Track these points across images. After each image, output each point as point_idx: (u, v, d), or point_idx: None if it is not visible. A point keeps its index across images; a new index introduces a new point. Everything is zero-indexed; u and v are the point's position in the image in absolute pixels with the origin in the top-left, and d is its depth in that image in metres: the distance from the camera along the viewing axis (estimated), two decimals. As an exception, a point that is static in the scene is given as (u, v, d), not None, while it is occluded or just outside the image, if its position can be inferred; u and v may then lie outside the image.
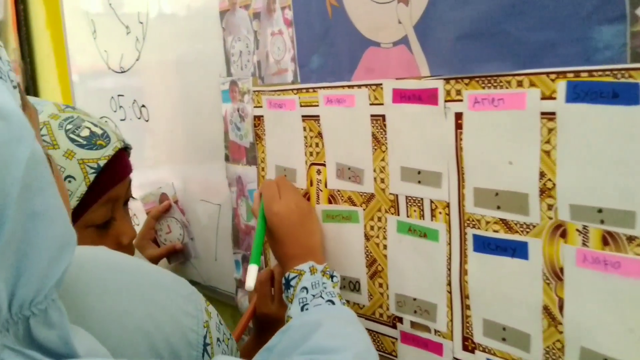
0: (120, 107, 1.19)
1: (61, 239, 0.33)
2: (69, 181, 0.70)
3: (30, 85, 1.58)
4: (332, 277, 0.69)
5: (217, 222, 0.99)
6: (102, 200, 0.74)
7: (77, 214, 0.72)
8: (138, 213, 1.18)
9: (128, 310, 0.45)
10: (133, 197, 0.87)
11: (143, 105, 1.12)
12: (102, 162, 0.73)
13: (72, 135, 0.72)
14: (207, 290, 1.05)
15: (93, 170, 0.72)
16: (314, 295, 0.66)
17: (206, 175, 0.99)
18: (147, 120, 1.12)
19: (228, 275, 0.98)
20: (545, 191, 0.53)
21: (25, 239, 0.30)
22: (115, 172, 0.76)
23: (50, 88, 1.52)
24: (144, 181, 1.17)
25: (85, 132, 0.74)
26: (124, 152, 0.80)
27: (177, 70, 1.00)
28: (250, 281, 0.69)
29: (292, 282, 0.69)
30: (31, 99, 0.74)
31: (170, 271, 0.53)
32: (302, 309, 0.65)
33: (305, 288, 0.67)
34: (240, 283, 0.94)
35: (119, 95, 1.19)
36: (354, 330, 0.59)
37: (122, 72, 1.16)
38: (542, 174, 0.53)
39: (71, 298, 0.36)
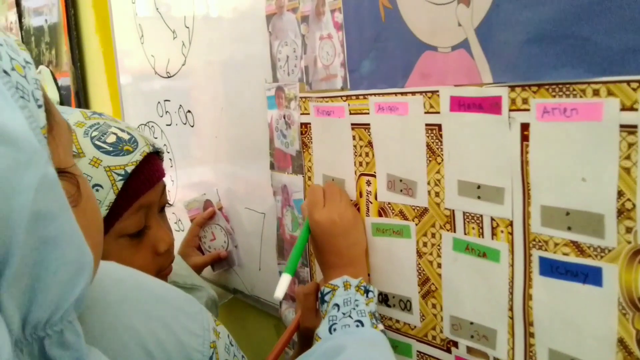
0: (167, 112, 1.18)
1: (76, 263, 0.32)
2: (97, 190, 0.68)
3: (80, 89, 1.60)
4: (367, 292, 0.66)
5: (261, 231, 0.96)
6: (133, 208, 0.71)
7: (108, 223, 0.69)
8: (183, 219, 1.18)
9: (129, 326, 0.44)
10: (169, 204, 0.85)
11: (189, 111, 1.11)
12: (129, 168, 0.70)
13: (97, 142, 0.70)
14: (250, 300, 1.03)
15: (120, 177, 0.69)
16: (344, 314, 0.64)
17: (250, 182, 0.97)
18: (192, 126, 1.10)
19: (272, 286, 0.94)
20: (624, 212, 0.47)
21: (38, 264, 0.30)
22: (145, 177, 0.73)
23: (99, 92, 1.53)
24: (189, 187, 1.16)
25: (111, 138, 0.71)
26: (155, 157, 0.77)
27: (222, 75, 0.98)
28: (280, 291, 0.66)
29: (326, 298, 0.67)
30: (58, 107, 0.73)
31: (210, 280, 0.52)
32: (330, 329, 0.63)
33: (337, 305, 0.65)
34: (285, 295, 0.91)
35: (165, 100, 1.18)
36: (378, 355, 0.57)
37: (168, 77, 1.15)
38: (620, 193, 0.47)
39: None
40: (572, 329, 0.53)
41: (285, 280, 0.67)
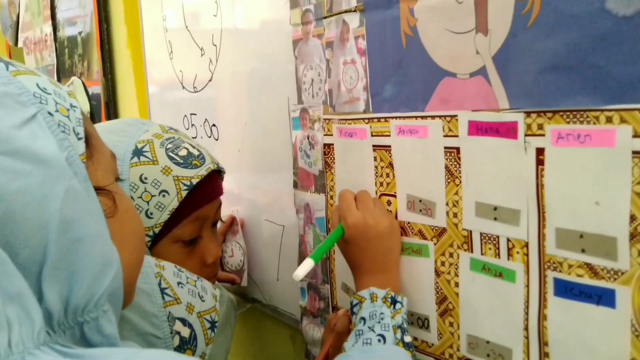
0: (192, 125, 1.22)
1: (102, 258, 0.39)
2: (163, 195, 0.74)
3: (110, 100, 1.66)
4: (394, 302, 0.66)
5: (280, 243, 0.99)
6: (191, 217, 0.78)
7: (167, 228, 0.75)
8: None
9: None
10: (222, 220, 0.90)
11: (214, 125, 1.15)
12: (194, 181, 0.77)
13: (171, 154, 0.77)
14: (267, 310, 1.06)
15: (186, 187, 0.76)
16: (369, 328, 0.65)
17: (271, 195, 1.00)
18: (217, 139, 1.14)
19: (289, 296, 0.98)
20: (637, 235, 0.49)
21: (71, 259, 0.36)
22: (206, 192, 0.80)
23: (128, 104, 1.59)
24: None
25: (183, 152, 0.78)
26: (217, 175, 0.84)
27: (247, 91, 1.02)
28: (301, 272, 0.66)
29: (355, 310, 0.68)
30: (141, 121, 0.82)
31: (228, 289, 0.56)
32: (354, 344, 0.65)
33: (364, 319, 0.66)
34: (306, 311, 0.93)
35: (191, 114, 1.22)
36: None
37: (195, 91, 1.19)
38: (632, 217, 0.49)
39: None
40: (586, 350, 0.54)
41: (308, 264, 0.67)
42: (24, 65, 0.43)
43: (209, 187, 0.80)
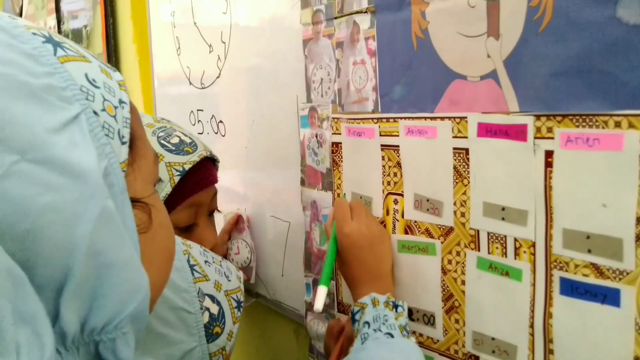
0: (199, 121, 1.23)
1: (131, 284, 0.36)
2: None
3: (115, 95, 1.67)
4: (396, 307, 0.68)
5: (285, 239, 1.00)
6: (185, 204, 0.79)
7: None
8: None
9: None
10: (218, 210, 0.91)
11: (220, 121, 1.16)
12: (187, 167, 0.79)
13: (162, 142, 0.79)
14: (271, 304, 1.07)
15: (178, 173, 0.78)
16: (375, 330, 0.66)
17: (277, 191, 1.02)
18: (223, 135, 1.15)
19: (294, 292, 0.99)
20: (642, 237, 0.50)
21: (97, 283, 0.34)
22: (199, 178, 0.81)
23: (134, 99, 1.58)
24: (218, 193, 1.21)
25: (175, 140, 0.80)
26: (210, 163, 0.85)
27: (254, 89, 1.03)
28: (319, 303, 0.69)
29: (357, 317, 0.69)
30: None
31: None
32: (362, 345, 0.65)
33: (367, 323, 0.67)
34: (310, 306, 0.94)
35: (198, 110, 1.23)
36: None
37: (202, 88, 1.20)
38: (638, 219, 0.50)
39: None
40: (590, 347, 0.56)
41: (322, 292, 0.70)
42: (74, 46, 0.38)
43: (202, 174, 0.82)
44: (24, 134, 0.31)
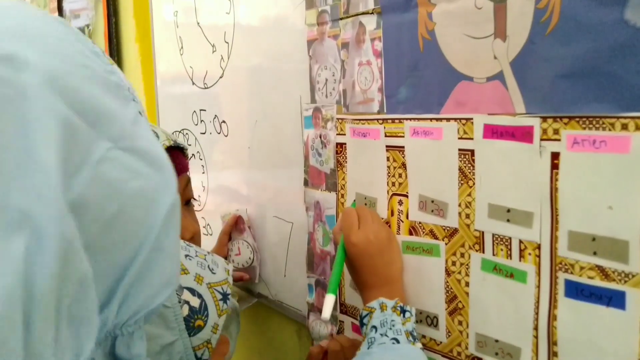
0: (202, 121, 1.23)
1: (169, 276, 0.36)
2: None
3: (116, 95, 1.67)
4: (403, 312, 0.68)
5: (288, 240, 1.00)
6: None
7: None
8: (212, 224, 1.22)
9: None
10: (194, 198, 0.90)
11: (223, 121, 1.16)
12: None
13: None
14: (273, 305, 1.07)
15: None
16: (381, 335, 0.66)
17: (280, 192, 1.02)
18: (226, 135, 1.15)
19: (296, 292, 0.99)
20: (648, 240, 0.50)
21: (144, 269, 0.33)
22: None
23: (136, 99, 1.59)
24: (219, 192, 1.21)
25: None
26: (178, 152, 0.84)
27: (258, 89, 1.03)
28: (327, 312, 0.69)
29: (365, 321, 0.70)
30: None
31: (234, 284, 0.56)
32: (367, 349, 0.66)
33: (375, 327, 0.68)
34: (313, 307, 0.94)
35: (201, 110, 1.23)
36: None
37: (205, 88, 1.20)
38: (645, 222, 0.50)
39: None
40: (595, 350, 0.56)
41: (330, 300, 0.70)
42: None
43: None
44: (115, 124, 0.32)
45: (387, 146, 0.76)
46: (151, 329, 0.55)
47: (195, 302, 0.60)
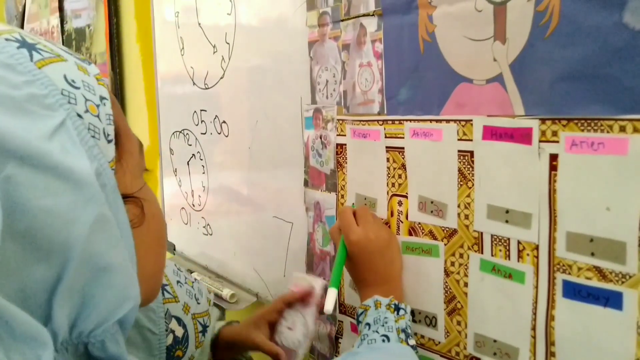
0: (202, 121, 1.24)
1: (122, 292, 0.36)
2: None
3: (118, 94, 1.67)
4: (397, 309, 0.69)
5: (288, 240, 1.01)
6: None
7: None
8: (211, 224, 1.22)
9: None
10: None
11: (224, 122, 1.16)
12: None
13: None
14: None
15: None
16: (373, 331, 0.67)
17: (280, 192, 1.02)
18: (226, 136, 1.16)
19: (296, 293, 0.99)
20: (646, 241, 0.51)
21: (89, 286, 0.34)
22: None
23: (136, 98, 1.60)
24: (219, 192, 1.21)
25: None
26: None
27: (259, 90, 1.04)
28: (330, 305, 0.70)
29: (360, 318, 0.71)
30: None
31: (234, 284, 0.56)
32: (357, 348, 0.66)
33: (368, 324, 0.68)
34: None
35: (201, 110, 1.23)
36: None
37: (206, 88, 1.21)
38: (642, 223, 0.51)
39: None
40: (592, 350, 0.56)
41: (332, 294, 0.71)
42: (48, 45, 0.38)
43: None
44: (19, 144, 0.31)
45: (387, 147, 0.76)
46: (136, 352, 0.55)
47: (179, 332, 0.61)
